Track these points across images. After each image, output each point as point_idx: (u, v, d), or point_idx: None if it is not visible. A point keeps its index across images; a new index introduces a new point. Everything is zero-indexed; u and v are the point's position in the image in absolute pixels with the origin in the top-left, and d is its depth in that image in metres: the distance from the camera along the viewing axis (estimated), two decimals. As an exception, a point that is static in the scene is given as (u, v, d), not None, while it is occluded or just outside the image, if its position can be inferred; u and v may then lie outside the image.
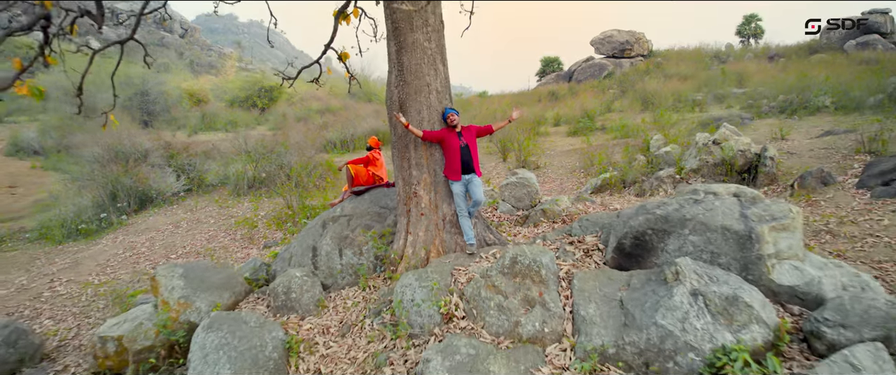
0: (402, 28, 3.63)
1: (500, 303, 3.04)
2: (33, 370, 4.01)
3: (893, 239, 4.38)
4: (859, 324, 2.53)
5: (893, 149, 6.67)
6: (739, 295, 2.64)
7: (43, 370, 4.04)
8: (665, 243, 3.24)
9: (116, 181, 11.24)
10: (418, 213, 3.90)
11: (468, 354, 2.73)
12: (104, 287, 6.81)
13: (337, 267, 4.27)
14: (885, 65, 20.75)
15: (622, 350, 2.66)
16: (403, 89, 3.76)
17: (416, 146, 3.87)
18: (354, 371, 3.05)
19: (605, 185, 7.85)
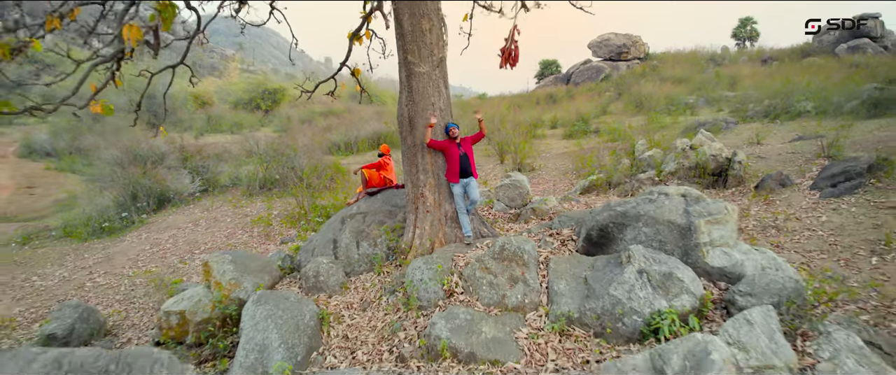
0: (411, 58, 4.45)
1: (491, 281, 3.87)
2: (102, 341, 4.82)
3: (826, 233, 5.21)
4: (761, 293, 3.36)
5: (848, 154, 7.49)
6: (674, 272, 3.47)
7: (110, 342, 4.85)
8: (623, 234, 4.06)
9: (136, 182, 12.05)
10: (425, 211, 4.72)
11: (465, 319, 3.55)
12: (141, 277, 7.64)
13: (354, 257, 5.10)
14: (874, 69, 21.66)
15: (584, 315, 3.48)
16: (412, 108, 4.58)
17: (423, 154, 4.69)
18: (375, 336, 3.88)
19: (592, 186, 8.68)
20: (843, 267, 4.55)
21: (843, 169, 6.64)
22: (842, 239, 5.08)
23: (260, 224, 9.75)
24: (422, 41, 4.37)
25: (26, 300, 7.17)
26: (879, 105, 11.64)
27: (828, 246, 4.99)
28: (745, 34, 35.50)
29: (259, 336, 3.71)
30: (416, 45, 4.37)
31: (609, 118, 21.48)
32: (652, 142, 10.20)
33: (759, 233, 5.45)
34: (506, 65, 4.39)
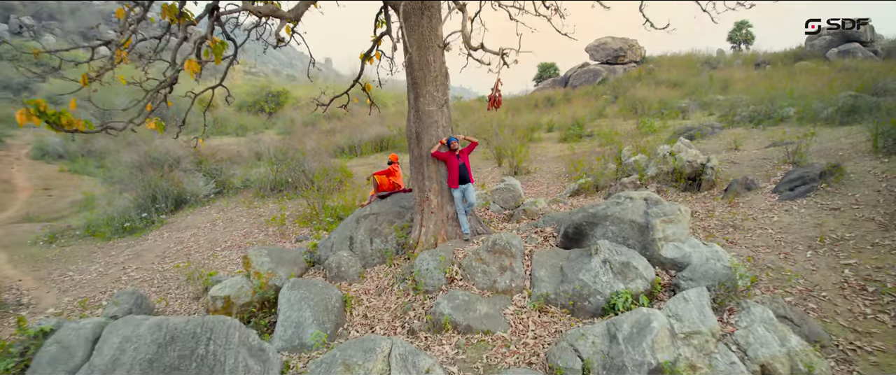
0: (418, 82, 5.34)
1: (484, 270, 4.77)
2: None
3: (774, 231, 6.11)
4: (700, 278, 4.26)
5: (810, 160, 8.39)
6: (631, 261, 4.37)
7: (160, 324, 5.73)
8: (594, 231, 4.96)
9: (155, 185, 12.94)
10: (429, 212, 5.62)
11: (464, 300, 4.45)
12: (170, 271, 8.53)
13: (369, 251, 5.99)
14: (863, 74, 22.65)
15: (559, 296, 4.39)
16: (419, 125, 5.47)
17: (428, 164, 5.59)
18: (389, 315, 4.78)
19: (581, 189, 9.58)
20: (783, 260, 5.45)
21: (801, 175, 7.55)
22: (786, 237, 5.98)
23: (274, 224, 10.65)
24: (427, 69, 5.26)
25: (71, 292, 8.06)
26: (852, 112, 12.53)
27: (774, 242, 5.89)
28: (741, 37, 36.30)
29: (295, 315, 4.60)
30: (422, 72, 5.27)
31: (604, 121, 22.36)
32: (638, 148, 11.09)
33: (719, 231, 6.36)
34: (491, 107, 5.29)
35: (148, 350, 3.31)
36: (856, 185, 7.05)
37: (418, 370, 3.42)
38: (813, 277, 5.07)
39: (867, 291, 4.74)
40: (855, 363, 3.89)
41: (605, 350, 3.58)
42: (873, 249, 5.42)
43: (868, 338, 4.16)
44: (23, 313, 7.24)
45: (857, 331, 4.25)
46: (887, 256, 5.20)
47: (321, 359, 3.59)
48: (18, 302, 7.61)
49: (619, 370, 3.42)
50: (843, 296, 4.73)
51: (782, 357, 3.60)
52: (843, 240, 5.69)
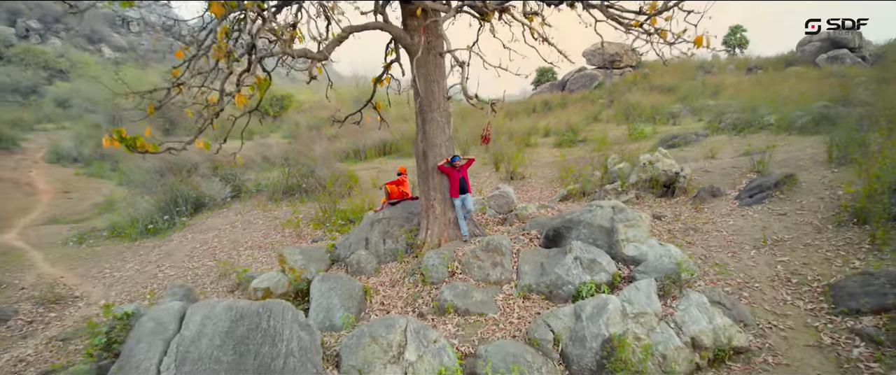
0: (425, 109, 6.48)
1: (480, 265, 5.91)
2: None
3: (728, 233, 7.25)
4: (652, 271, 5.40)
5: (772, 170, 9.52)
6: (597, 258, 5.52)
7: (207, 312, 6.85)
8: (570, 233, 6.11)
9: (175, 189, 14.07)
10: (434, 217, 6.76)
11: (463, 289, 5.59)
12: (201, 268, 9.67)
13: (382, 250, 7.14)
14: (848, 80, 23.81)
15: (539, 286, 5.53)
16: (425, 144, 6.61)
17: (433, 177, 6.72)
18: (402, 302, 5.92)
19: (569, 195, 10.73)
20: (730, 257, 6.60)
21: (760, 183, 8.70)
22: (737, 238, 7.13)
23: (290, 226, 11.78)
24: (432, 99, 6.40)
25: (115, 287, 9.20)
26: (823, 122, 13.66)
27: (726, 242, 7.04)
28: (736, 41, 37.33)
29: (325, 302, 5.74)
30: (428, 101, 6.40)
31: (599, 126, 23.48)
32: (623, 156, 12.23)
33: (681, 233, 7.50)
34: (483, 143, 6.45)
35: (223, 325, 4.44)
36: (804, 193, 8.20)
37: (428, 340, 4.57)
38: (751, 272, 6.21)
39: (792, 282, 5.88)
40: (768, 337, 5.04)
41: (571, 325, 4.72)
42: (805, 248, 6.56)
43: (783, 319, 5.30)
44: (80, 305, 8.39)
45: (777, 314, 5.40)
46: (814, 254, 6.35)
47: (353, 333, 4.75)
48: (72, 296, 8.75)
49: (580, 340, 4.56)
50: (772, 287, 5.88)
51: (708, 332, 4.74)
52: (782, 241, 6.84)
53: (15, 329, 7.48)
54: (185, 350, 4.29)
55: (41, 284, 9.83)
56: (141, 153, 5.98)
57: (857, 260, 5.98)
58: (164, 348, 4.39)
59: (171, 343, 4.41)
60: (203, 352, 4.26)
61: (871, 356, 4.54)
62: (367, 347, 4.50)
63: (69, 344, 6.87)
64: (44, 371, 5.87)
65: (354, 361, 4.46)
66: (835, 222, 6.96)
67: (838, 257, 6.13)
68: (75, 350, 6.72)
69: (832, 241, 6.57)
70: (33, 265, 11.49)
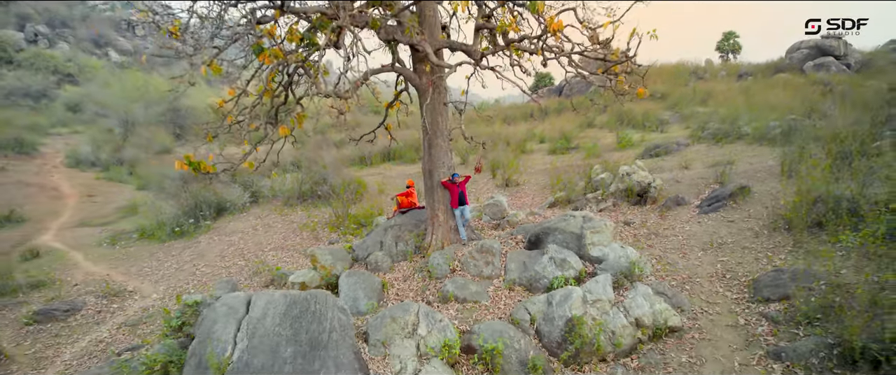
0: (431, 136, 8.06)
1: (475, 263, 7.51)
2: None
3: (683, 238, 8.84)
4: (610, 268, 7.00)
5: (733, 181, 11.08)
6: (568, 258, 7.12)
7: (250, 302, 8.44)
8: (548, 238, 7.70)
9: (199, 195, 15.64)
10: (438, 224, 8.34)
11: (461, 283, 7.19)
12: (233, 267, 11.25)
13: (395, 251, 8.72)
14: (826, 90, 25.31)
15: (521, 280, 7.14)
16: (431, 164, 8.19)
17: (437, 191, 8.30)
18: (413, 293, 7.51)
19: (556, 202, 12.31)
20: (681, 258, 8.19)
21: (717, 194, 10.29)
22: (690, 241, 8.72)
23: (307, 229, 13.37)
24: (437, 127, 7.98)
25: (161, 283, 10.79)
26: (791, 133, 15.22)
27: (679, 245, 8.63)
28: (729, 47, 38.77)
29: (352, 293, 7.33)
30: (433, 129, 7.99)
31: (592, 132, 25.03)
32: (606, 166, 13.81)
33: (644, 238, 9.10)
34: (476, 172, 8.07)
35: (281, 308, 6.02)
36: (753, 203, 9.78)
37: (435, 320, 6.16)
38: (696, 269, 7.80)
39: (725, 278, 7.47)
40: (699, 319, 6.62)
41: (543, 310, 6.31)
42: (742, 250, 8.15)
43: (713, 306, 6.88)
44: (136, 297, 9.97)
45: (709, 302, 6.98)
46: (748, 255, 7.94)
47: (377, 316, 6.34)
48: (127, 291, 10.33)
49: (550, 320, 6.16)
50: (710, 281, 7.47)
51: (649, 315, 6.32)
52: (725, 244, 8.43)
53: (87, 317, 9.08)
54: (254, 327, 5.87)
55: (90, 281, 11.42)
56: (204, 174, 7.55)
57: (779, 260, 7.57)
58: (236, 325, 5.97)
59: (242, 322, 5.99)
60: (267, 328, 5.84)
61: (770, 332, 6.12)
62: (389, 325, 6.09)
63: (136, 329, 8.46)
64: (132, 346, 7.47)
65: (379, 336, 6.06)
66: (770, 228, 8.55)
67: (765, 257, 7.72)
68: (143, 334, 8.30)
69: (764, 244, 8.16)
70: (77, 264, 13.09)
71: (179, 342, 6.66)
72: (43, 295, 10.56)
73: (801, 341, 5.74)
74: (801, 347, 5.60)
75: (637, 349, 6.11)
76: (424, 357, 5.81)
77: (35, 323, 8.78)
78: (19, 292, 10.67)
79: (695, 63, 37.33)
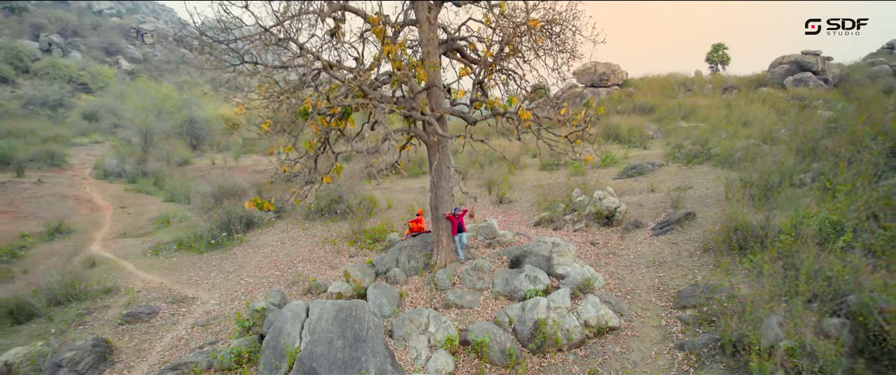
0: (436, 181, 10.74)
1: (471, 278, 10.25)
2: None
3: (634, 257, 11.53)
4: (570, 283, 9.74)
5: (686, 206, 13.77)
6: (538, 276, 9.86)
7: (295, 307, 11.16)
8: (525, 259, 10.43)
9: (231, 211, 18.32)
10: (441, 247, 11.05)
11: (460, 293, 9.93)
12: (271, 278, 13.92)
13: (408, 268, 11.44)
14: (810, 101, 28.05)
15: (504, 291, 9.89)
16: (436, 201, 10.88)
17: (441, 221, 10.99)
18: (423, 302, 10.25)
19: (540, 222, 15.02)
20: (629, 273, 10.88)
21: (668, 219, 12.99)
22: (639, 260, 11.41)
23: (329, 243, 16.07)
24: (442, 175, 10.66)
25: (214, 291, 13.48)
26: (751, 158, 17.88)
27: (630, 263, 11.32)
28: (718, 58, 41.39)
29: (378, 301, 10.06)
30: (438, 176, 10.67)
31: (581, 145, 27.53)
32: (584, 188, 16.49)
33: (604, 256, 11.80)
34: (469, 219, 10.74)
35: (331, 313, 8.71)
36: (696, 227, 12.48)
37: (441, 321, 8.88)
38: (639, 283, 10.50)
39: (659, 290, 10.17)
40: (633, 321, 9.31)
41: (519, 314, 9.03)
42: (677, 267, 10.84)
43: (646, 312, 9.58)
44: (198, 303, 12.66)
45: (643, 308, 9.67)
46: (680, 271, 10.63)
47: (399, 318, 9.07)
48: (188, 297, 13.02)
49: (523, 321, 8.87)
50: (647, 292, 10.16)
51: (595, 318, 9.03)
52: (665, 263, 11.13)
53: (164, 319, 11.78)
54: (313, 326, 8.58)
55: (149, 288, 14.12)
56: (265, 210, 10.24)
57: (701, 276, 10.27)
58: (300, 325, 8.68)
59: (304, 323, 8.70)
60: (323, 327, 8.55)
61: (681, 331, 8.82)
62: (407, 325, 8.81)
63: (208, 328, 11.16)
64: (209, 342, 10.17)
65: (401, 333, 8.78)
66: (702, 250, 11.25)
67: (691, 274, 10.43)
68: (213, 332, 10.99)
69: (694, 263, 10.86)
70: (131, 273, 15.79)
71: (253, 338, 9.38)
72: (116, 300, 13.27)
73: (699, 337, 8.45)
74: (698, 341, 8.31)
75: (585, 342, 8.82)
76: (433, 347, 8.53)
77: (126, 323, 11.49)
78: (97, 297, 13.40)
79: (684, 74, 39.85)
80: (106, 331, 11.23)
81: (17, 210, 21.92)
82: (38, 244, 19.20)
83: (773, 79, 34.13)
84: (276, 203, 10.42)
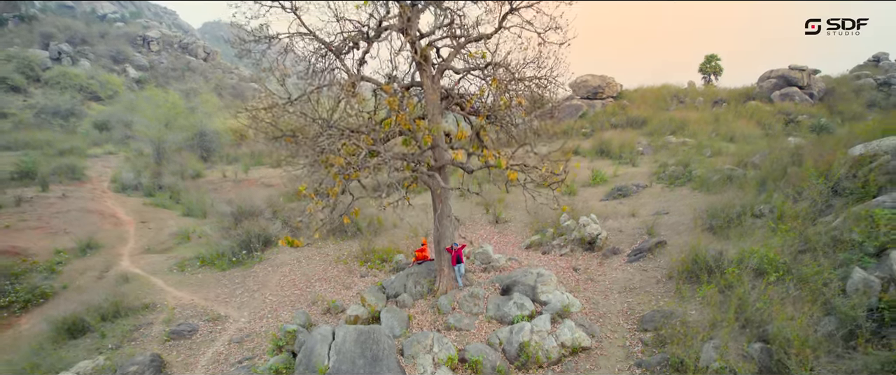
0: (438, 218, 12.83)
1: (468, 304, 12.39)
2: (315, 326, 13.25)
3: (609, 282, 13.63)
4: (551, 309, 11.89)
5: (659, 233, 15.84)
6: (525, 302, 12.01)
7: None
8: (514, 287, 12.56)
9: (250, 230, 20.41)
10: (443, 276, 13.16)
11: (459, 317, 12.08)
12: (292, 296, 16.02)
13: (414, 292, 13.56)
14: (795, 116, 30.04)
15: (496, 316, 12.04)
16: (438, 236, 12.96)
17: (443, 254, 13.09)
18: (428, 324, 12.39)
19: (531, 245, 17.12)
20: (602, 298, 12.98)
21: (641, 246, 15.09)
22: (612, 286, 13.52)
23: (342, 263, 18.17)
24: (444, 214, 12.74)
25: (243, 309, 15.59)
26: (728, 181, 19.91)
27: (605, 289, 13.42)
28: (711, 69, 43.26)
29: (389, 323, 12.20)
30: (441, 217, 12.76)
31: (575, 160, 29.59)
32: (572, 214, 18.56)
33: (583, 282, 13.90)
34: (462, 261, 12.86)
35: (353, 336, 10.82)
36: (665, 255, 14.57)
37: (443, 342, 11.03)
38: (611, 307, 12.61)
39: (627, 314, 12.28)
40: (603, 342, 11.43)
41: (507, 336, 11.17)
42: (645, 293, 12.95)
43: (615, 333, 11.69)
44: (230, 321, 14.78)
45: (612, 331, 11.78)
46: (647, 297, 12.73)
47: (408, 339, 11.22)
48: (221, 316, 15.13)
49: (510, 343, 11.01)
50: (617, 316, 12.27)
51: (570, 339, 11.16)
52: (635, 289, 13.23)
53: (204, 335, 13.91)
54: (339, 347, 10.71)
55: (183, 305, 16.23)
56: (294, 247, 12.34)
57: (663, 302, 12.38)
58: (328, 346, 10.81)
59: (331, 345, 10.83)
60: (346, 348, 10.68)
61: (642, 351, 10.94)
62: (415, 346, 10.94)
63: (243, 345, 13.27)
64: (246, 357, 12.30)
65: (410, 352, 10.91)
66: (667, 277, 13.36)
67: (655, 299, 12.54)
68: (248, 348, 13.10)
69: (660, 289, 12.97)
70: (162, 289, 17.90)
71: (286, 356, 11.51)
72: (156, 317, 15.40)
73: (654, 357, 10.58)
74: (653, 360, 10.44)
75: (561, 360, 10.96)
76: (437, 364, 10.68)
77: (171, 339, 13.62)
78: (139, 313, 15.53)
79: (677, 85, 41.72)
80: (155, 347, 13.37)
81: (49, 225, 23.99)
82: (72, 260, 21.28)
83: (762, 92, 36.08)
84: (302, 221, 12.44)
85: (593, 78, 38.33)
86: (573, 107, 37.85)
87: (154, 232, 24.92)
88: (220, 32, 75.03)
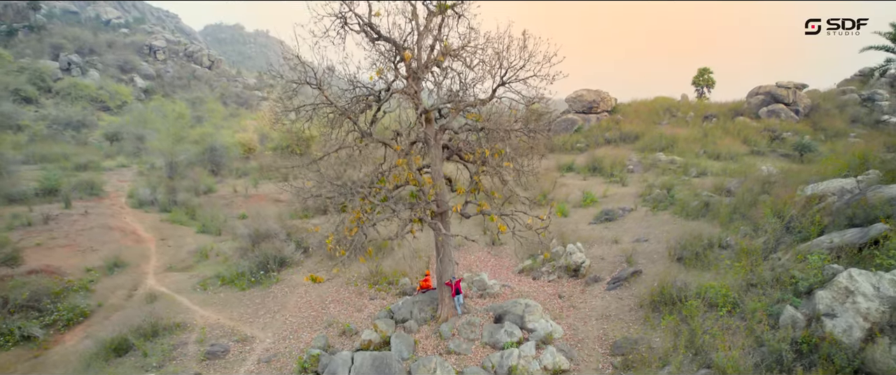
0: (440, 250, 15.14)
1: (466, 331, 14.77)
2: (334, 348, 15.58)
3: (588, 309, 15.98)
4: (536, 337, 14.26)
5: (638, 261, 18.14)
6: (514, 330, 14.40)
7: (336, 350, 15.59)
8: (505, 316, 14.92)
9: (267, 252, 22.71)
10: (444, 304, 15.51)
11: (458, 342, 14.47)
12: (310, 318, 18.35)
13: (419, 318, 15.93)
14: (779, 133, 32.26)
15: (489, 342, 14.44)
16: (441, 269, 15.28)
17: (444, 286, 15.42)
18: (432, 348, 14.78)
19: (523, 270, 19.46)
20: (582, 324, 15.32)
21: (619, 275, 17.44)
22: (592, 313, 15.86)
23: (353, 285, 20.51)
24: (446, 252, 15.04)
25: (267, 329, 17.94)
26: (706, 207, 22.20)
27: (585, 315, 15.76)
28: (704, 82, 45.37)
29: (399, 347, 14.58)
30: (442, 254, 15.07)
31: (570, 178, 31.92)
32: (562, 238, 20.88)
33: (566, 309, 16.24)
34: (456, 293, 15.22)
35: (369, 361, 13.18)
36: (640, 284, 16.89)
37: (445, 366, 13.42)
38: (588, 333, 14.95)
39: (602, 339, 14.63)
40: (580, 364, 13.78)
41: (498, 361, 13.56)
42: (619, 320, 15.29)
43: (590, 357, 14.05)
44: (256, 341, 17.13)
45: (588, 355, 14.14)
46: (621, 324, 15.07)
47: (414, 362, 13.62)
48: (248, 337, 17.47)
49: (501, 366, 13.39)
50: (593, 341, 14.61)
51: (551, 363, 13.53)
52: (611, 316, 15.56)
53: (235, 355, 16.26)
54: (357, 370, 13.08)
55: (210, 325, 18.58)
56: (317, 283, 14.67)
57: (634, 329, 14.72)
58: (348, 369, 13.19)
59: (350, 368, 13.20)
60: (364, 371, 13.05)
61: (613, 373, 13.29)
62: (422, 368, 13.32)
63: (271, 365, 15.62)
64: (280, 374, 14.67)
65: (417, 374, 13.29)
66: (639, 306, 15.70)
67: (627, 327, 14.88)
68: (276, 368, 15.44)
69: (632, 317, 15.31)
70: (189, 308, 20.26)
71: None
72: (188, 336, 17.75)
73: (621, 378, 12.95)
74: (620, 381, 12.81)
75: (544, 381, 13.33)
76: (439, 386, 13.05)
77: (207, 359, 15.98)
78: (173, 332, 17.89)
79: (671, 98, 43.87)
80: (194, 365, 15.74)
81: (76, 243, 26.33)
82: (100, 278, 23.62)
83: (750, 108, 38.26)
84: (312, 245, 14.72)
85: (588, 92, 40.48)
86: (568, 121, 40.04)
87: (174, 249, 27.25)
88: (220, 34, 76.94)
